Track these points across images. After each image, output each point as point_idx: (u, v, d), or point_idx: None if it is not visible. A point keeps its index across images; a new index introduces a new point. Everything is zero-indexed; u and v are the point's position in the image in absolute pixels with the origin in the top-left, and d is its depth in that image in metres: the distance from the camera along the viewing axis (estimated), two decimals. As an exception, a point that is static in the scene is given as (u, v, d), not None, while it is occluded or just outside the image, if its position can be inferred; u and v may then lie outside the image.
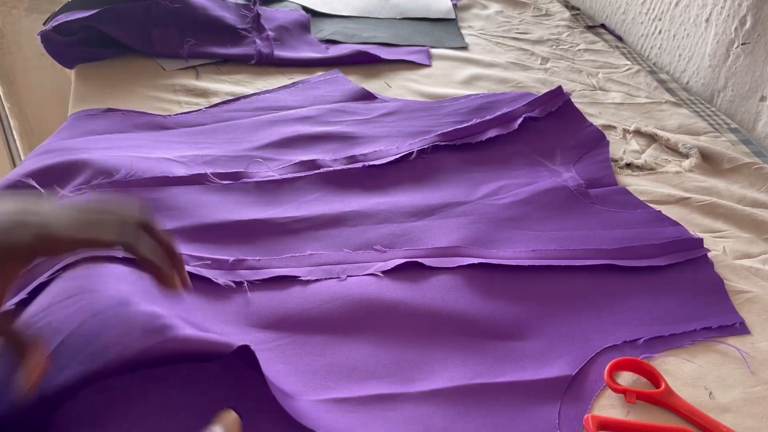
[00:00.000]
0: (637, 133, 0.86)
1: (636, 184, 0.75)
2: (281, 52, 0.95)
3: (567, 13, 1.26)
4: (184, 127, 0.76)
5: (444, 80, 0.95)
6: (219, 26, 0.95)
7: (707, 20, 1.01)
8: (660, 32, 1.13)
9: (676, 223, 0.66)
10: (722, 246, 0.66)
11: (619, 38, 1.21)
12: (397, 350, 0.49)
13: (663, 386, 0.48)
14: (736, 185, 0.76)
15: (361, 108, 0.82)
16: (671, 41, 1.10)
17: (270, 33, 0.98)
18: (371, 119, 0.80)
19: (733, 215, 0.70)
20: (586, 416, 0.45)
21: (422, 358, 0.48)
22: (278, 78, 0.90)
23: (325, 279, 0.54)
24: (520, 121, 0.79)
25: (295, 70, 0.93)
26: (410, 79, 0.94)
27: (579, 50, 1.11)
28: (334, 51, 0.98)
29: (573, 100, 0.93)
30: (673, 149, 0.83)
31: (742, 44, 0.94)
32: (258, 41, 0.96)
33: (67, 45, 0.86)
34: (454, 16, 1.18)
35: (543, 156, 0.76)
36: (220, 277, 0.53)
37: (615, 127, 0.87)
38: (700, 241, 0.63)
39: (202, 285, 0.52)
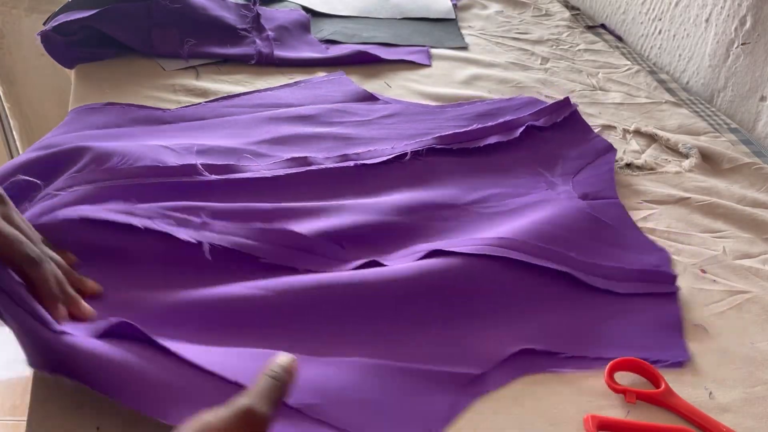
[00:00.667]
0: (637, 133, 0.86)
1: (636, 184, 0.75)
2: (281, 52, 0.95)
3: (567, 13, 1.27)
4: (183, 121, 0.76)
5: (444, 80, 0.95)
6: (219, 26, 0.95)
7: (707, 20, 1.01)
8: (660, 32, 1.13)
9: (662, 250, 0.63)
10: (722, 246, 0.66)
11: (619, 38, 1.21)
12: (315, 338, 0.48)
13: (663, 386, 0.48)
14: (736, 185, 0.76)
15: (362, 109, 0.82)
16: (671, 41, 1.10)
17: (270, 33, 0.98)
18: (371, 120, 0.80)
19: (733, 215, 0.70)
20: (586, 416, 0.46)
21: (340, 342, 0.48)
22: (278, 78, 0.90)
23: (283, 267, 0.53)
24: (522, 129, 0.77)
25: (295, 70, 0.93)
26: (410, 79, 0.94)
27: (579, 50, 1.11)
28: (334, 51, 0.98)
29: (573, 100, 0.93)
30: (673, 149, 0.83)
31: (742, 44, 0.94)
32: (258, 41, 0.96)
33: (67, 45, 0.86)
34: (454, 16, 1.18)
35: (543, 166, 0.74)
36: (182, 233, 0.52)
37: (615, 127, 0.87)
38: (673, 277, 0.58)
39: (161, 244, 0.52)
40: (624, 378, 0.50)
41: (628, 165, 0.78)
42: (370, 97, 0.86)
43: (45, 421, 0.42)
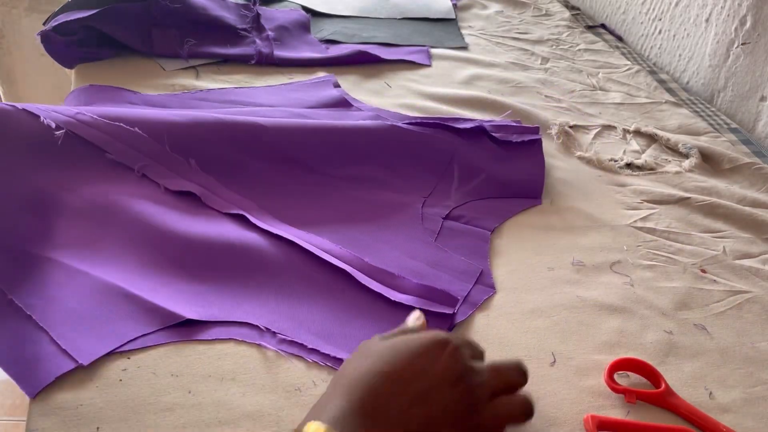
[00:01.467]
0: (637, 133, 0.86)
1: (636, 184, 0.75)
2: (281, 52, 0.95)
3: (567, 13, 1.27)
4: (148, 106, 0.77)
5: (444, 80, 0.95)
6: (219, 26, 0.95)
7: (707, 20, 1.01)
8: (660, 32, 1.13)
9: (490, 287, 0.57)
10: (722, 246, 0.66)
11: (619, 38, 1.21)
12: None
13: (663, 386, 0.48)
14: (736, 185, 0.76)
15: (326, 116, 0.78)
16: (671, 41, 1.10)
17: (270, 33, 0.98)
18: None
19: (733, 215, 0.70)
20: (586, 416, 0.46)
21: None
22: (278, 78, 0.90)
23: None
24: (470, 125, 0.73)
25: (295, 70, 0.93)
26: (410, 79, 0.94)
27: (579, 50, 1.11)
28: (334, 51, 0.98)
29: (573, 100, 0.93)
30: (673, 149, 0.83)
31: (742, 44, 0.94)
32: (258, 41, 0.96)
33: (67, 45, 0.86)
34: (454, 16, 1.18)
35: (463, 173, 0.70)
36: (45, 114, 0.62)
37: (615, 127, 0.87)
38: (454, 300, 0.54)
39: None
40: (624, 378, 0.50)
41: (628, 165, 0.78)
42: (344, 104, 0.84)
43: (45, 421, 0.42)
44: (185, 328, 0.49)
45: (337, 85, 0.88)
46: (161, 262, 0.55)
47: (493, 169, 0.71)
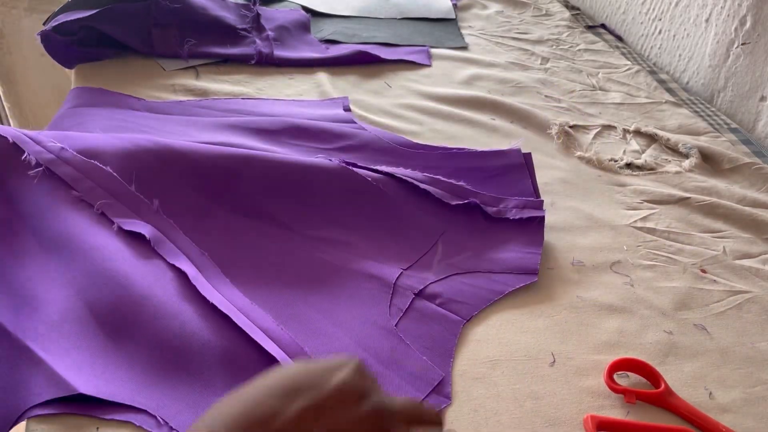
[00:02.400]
0: (637, 133, 0.86)
1: (636, 183, 0.75)
2: (281, 52, 0.95)
3: (567, 13, 1.27)
4: (150, 112, 0.76)
5: (444, 80, 0.95)
6: (219, 26, 0.95)
7: (707, 20, 1.01)
8: (660, 32, 1.13)
9: (445, 396, 0.48)
10: (722, 246, 0.66)
11: (619, 38, 1.21)
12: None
13: (663, 386, 0.48)
14: (736, 185, 0.76)
15: (326, 135, 0.75)
16: (671, 41, 1.10)
17: (270, 33, 0.98)
18: (328, 150, 0.73)
19: (733, 215, 0.70)
20: (586, 416, 0.46)
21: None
22: (278, 78, 0.90)
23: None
24: (463, 201, 0.65)
25: (295, 70, 0.93)
26: (410, 79, 0.94)
27: (579, 50, 1.11)
28: (334, 51, 0.98)
29: (573, 100, 0.93)
30: (673, 149, 0.83)
31: (742, 44, 0.94)
32: (258, 41, 0.96)
33: (67, 45, 0.86)
34: (454, 16, 1.18)
35: (447, 244, 0.63)
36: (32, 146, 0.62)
37: (615, 127, 0.87)
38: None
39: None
40: (624, 378, 0.50)
41: (628, 165, 0.78)
42: (348, 122, 0.80)
43: (45, 421, 0.42)
44: (85, 403, 0.44)
45: (347, 109, 0.84)
46: (86, 317, 0.51)
47: (484, 245, 0.63)
